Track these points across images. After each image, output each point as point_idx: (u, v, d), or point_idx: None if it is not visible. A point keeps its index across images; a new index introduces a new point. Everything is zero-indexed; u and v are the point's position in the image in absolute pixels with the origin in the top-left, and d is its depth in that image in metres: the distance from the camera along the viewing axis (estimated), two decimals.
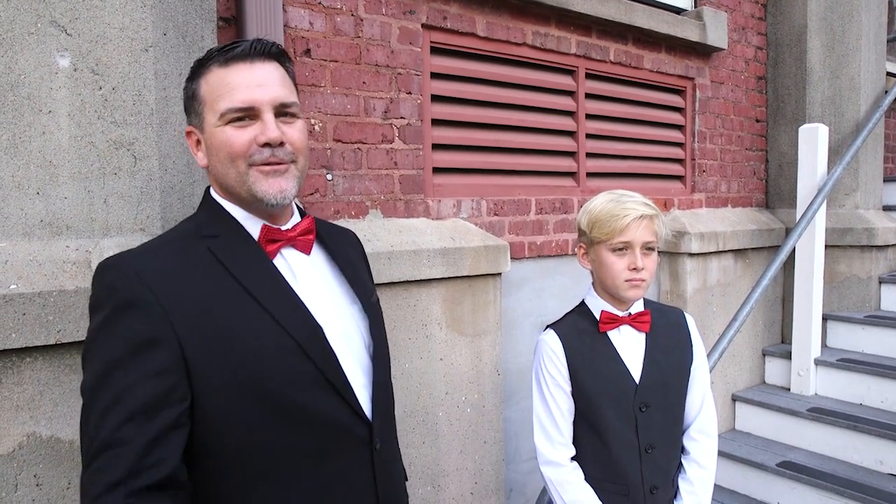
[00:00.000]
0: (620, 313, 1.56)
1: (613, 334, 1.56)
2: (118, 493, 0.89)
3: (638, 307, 1.58)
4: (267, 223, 1.11)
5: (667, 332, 1.60)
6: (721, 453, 3.16)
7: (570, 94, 2.79)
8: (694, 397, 1.60)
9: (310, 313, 1.07)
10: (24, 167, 1.33)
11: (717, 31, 3.25)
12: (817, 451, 3.07)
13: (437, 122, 2.38)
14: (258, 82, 1.05)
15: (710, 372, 2.56)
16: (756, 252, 3.57)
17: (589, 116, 2.85)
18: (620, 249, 1.49)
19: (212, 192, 1.14)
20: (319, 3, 2.02)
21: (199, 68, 1.09)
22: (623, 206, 1.47)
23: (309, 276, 1.14)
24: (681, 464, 1.60)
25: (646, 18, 2.90)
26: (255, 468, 1.03)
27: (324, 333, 1.07)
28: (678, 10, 3.23)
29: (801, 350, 3.36)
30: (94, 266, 1.36)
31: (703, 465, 1.58)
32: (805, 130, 3.33)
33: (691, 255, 3.12)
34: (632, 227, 1.46)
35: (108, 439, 0.91)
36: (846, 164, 3.31)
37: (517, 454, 2.62)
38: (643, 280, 1.49)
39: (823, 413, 3.07)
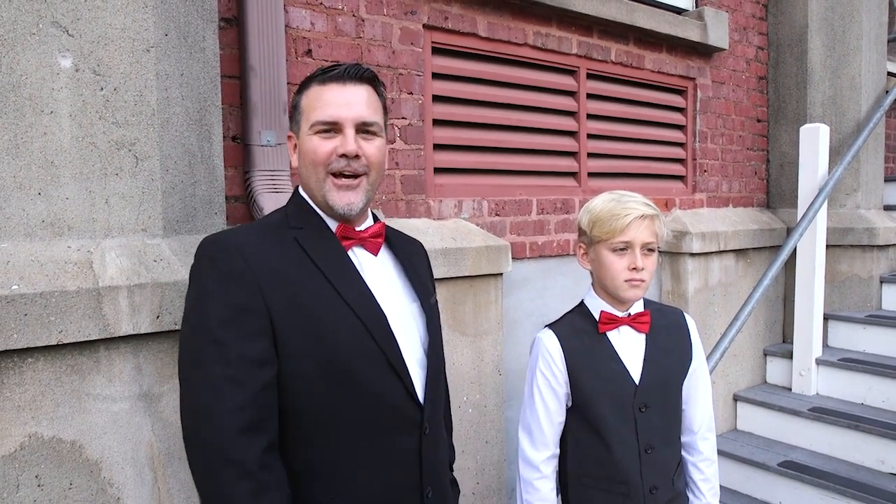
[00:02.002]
0: (620, 314, 1.55)
1: (613, 335, 1.56)
2: (244, 415, 1.06)
3: (637, 308, 1.58)
4: (343, 223, 1.26)
5: (667, 332, 1.59)
6: (722, 453, 3.16)
7: (572, 94, 2.79)
8: (699, 397, 1.62)
9: (377, 302, 1.21)
10: (25, 168, 1.33)
11: (718, 31, 3.25)
12: (819, 450, 3.06)
13: (438, 123, 2.38)
14: (346, 101, 1.20)
15: (712, 372, 2.57)
16: (757, 252, 3.56)
17: (590, 116, 2.85)
18: (621, 249, 1.49)
19: (300, 190, 1.30)
20: (321, 3, 2.02)
21: (305, 84, 1.26)
22: (624, 206, 1.48)
23: (375, 273, 1.28)
24: (680, 463, 1.60)
25: (647, 19, 2.89)
26: (316, 433, 1.16)
27: (387, 320, 1.21)
28: (679, 11, 3.23)
29: (802, 350, 3.35)
30: (95, 267, 1.36)
31: (712, 459, 1.64)
32: (806, 130, 3.33)
33: (693, 254, 3.12)
34: (633, 227, 1.47)
35: (231, 380, 1.07)
36: (847, 164, 3.30)
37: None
38: (643, 280, 1.49)
39: (825, 413, 3.07)
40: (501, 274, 2.34)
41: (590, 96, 2.85)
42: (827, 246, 3.42)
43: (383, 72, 2.17)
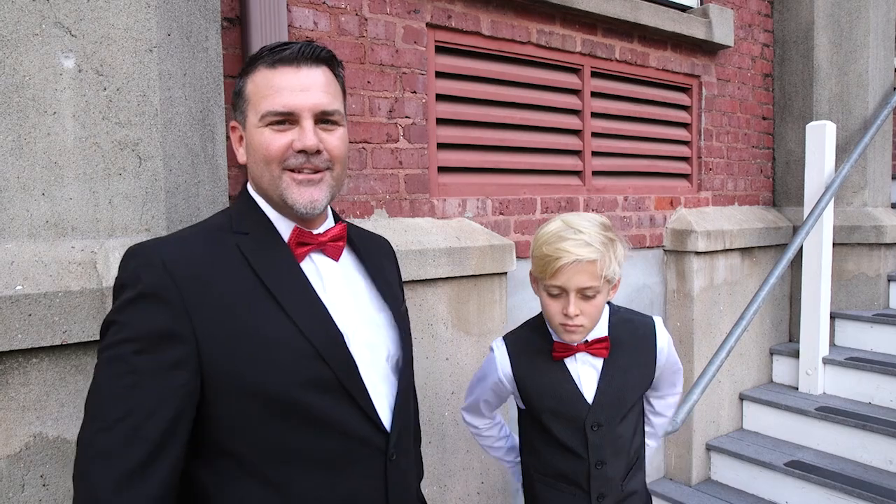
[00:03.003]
0: (575, 343, 1.45)
1: (569, 360, 1.47)
2: (134, 485, 0.91)
3: (598, 332, 1.47)
4: (299, 226, 1.11)
5: (630, 348, 1.50)
6: (729, 452, 3.16)
7: (576, 92, 2.78)
8: (664, 390, 1.64)
9: (332, 319, 1.05)
10: (29, 168, 1.33)
11: (723, 28, 3.23)
12: (826, 450, 3.05)
13: (441, 122, 2.37)
14: (302, 87, 1.04)
15: (718, 371, 2.56)
16: (763, 250, 3.55)
17: (594, 115, 2.84)
18: (556, 294, 1.38)
19: (249, 188, 1.14)
20: (324, 2, 2.02)
21: (249, 66, 1.09)
22: (557, 248, 1.33)
23: (336, 282, 1.13)
24: (634, 466, 1.58)
25: (651, 16, 2.88)
26: (266, 469, 1.02)
27: (344, 340, 1.06)
28: (684, 8, 3.21)
29: (809, 349, 3.34)
30: (99, 267, 1.37)
31: (651, 445, 1.72)
32: (812, 128, 3.31)
33: (698, 253, 3.11)
34: (564, 272, 1.33)
35: (117, 423, 0.92)
36: (854, 162, 3.28)
37: None
38: (579, 325, 1.38)
39: (832, 412, 3.05)
40: (506, 273, 2.34)
41: (594, 95, 2.83)
42: (834, 244, 3.41)
43: (387, 71, 2.17)
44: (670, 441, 3.28)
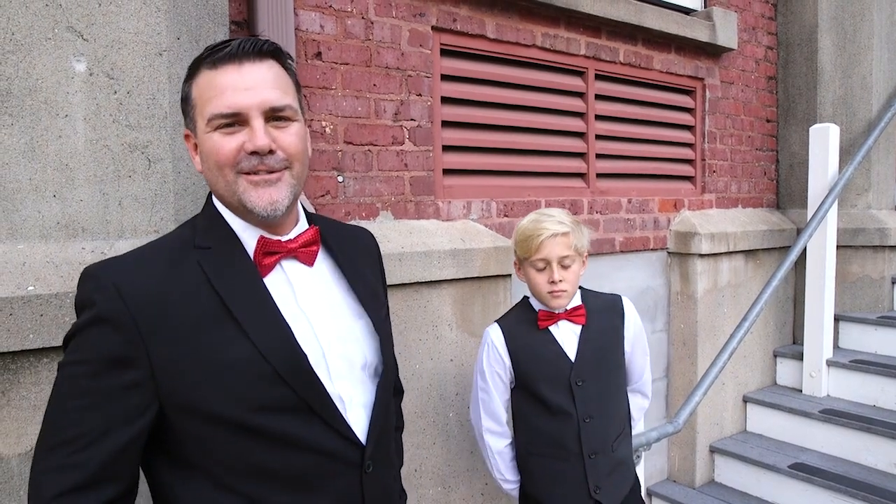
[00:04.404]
0: (554, 310, 1.73)
1: (552, 327, 1.74)
2: (76, 499, 0.91)
3: (574, 303, 1.76)
4: (265, 234, 1.05)
5: (602, 316, 1.78)
6: (732, 454, 3.16)
7: (580, 95, 2.79)
8: (636, 359, 1.85)
9: (294, 339, 1.01)
10: (41, 170, 1.35)
11: (726, 31, 3.24)
12: (830, 452, 3.05)
13: (447, 124, 2.38)
14: (246, 85, 0.97)
15: (721, 372, 2.57)
16: (767, 253, 3.55)
17: (598, 117, 2.85)
18: (541, 266, 1.67)
19: (213, 197, 1.08)
20: (330, 6, 2.04)
21: (192, 69, 1.03)
22: (538, 226, 1.65)
23: (310, 290, 1.08)
24: (622, 433, 1.79)
25: (655, 19, 2.89)
26: (235, 487, 1.00)
27: (307, 359, 1.01)
28: (688, 11, 3.22)
29: (812, 351, 3.34)
30: None
31: (635, 417, 1.93)
32: (816, 130, 3.32)
33: (702, 255, 3.11)
34: (546, 245, 1.65)
35: (67, 443, 0.92)
36: (858, 164, 3.29)
37: None
38: (564, 290, 1.67)
39: (836, 414, 3.05)
40: (510, 275, 2.35)
41: (598, 97, 2.85)
42: (838, 246, 3.41)
43: (392, 73, 2.18)
44: (674, 443, 3.28)
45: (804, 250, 3.23)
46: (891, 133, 3.66)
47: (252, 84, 0.98)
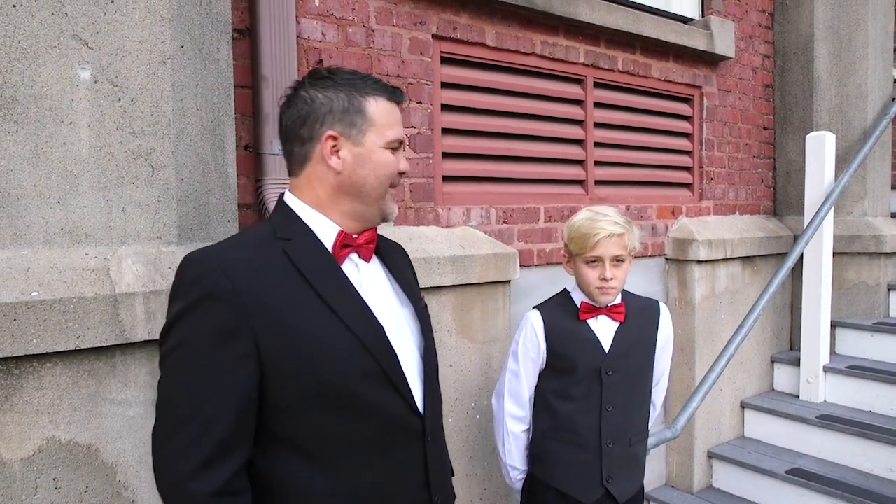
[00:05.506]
0: (598, 305, 1.79)
1: (591, 320, 1.80)
2: (212, 471, 1.03)
3: (616, 300, 1.82)
4: (344, 230, 1.23)
5: (639, 315, 1.84)
6: (730, 460, 3.17)
7: (579, 102, 2.81)
8: (660, 363, 1.91)
9: (374, 315, 1.18)
10: (45, 177, 1.36)
11: (724, 39, 3.27)
12: (827, 458, 3.06)
13: (446, 131, 2.40)
14: (401, 122, 1.26)
15: (718, 378, 2.58)
16: (764, 259, 3.57)
17: (597, 125, 2.87)
18: (593, 262, 1.73)
19: (287, 199, 1.24)
20: (332, 14, 2.06)
21: (366, 88, 1.21)
22: (595, 225, 1.71)
23: (369, 281, 1.26)
24: (641, 431, 1.85)
25: (653, 28, 2.92)
26: (319, 456, 1.13)
27: (385, 333, 1.18)
28: (686, 20, 3.25)
29: (809, 357, 3.35)
30: (112, 273, 1.39)
31: (657, 404, 1.98)
32: (812, 138, 3.34)
33: (699, 262, 3.13)
34: (602, 244, 1.70)
35: (192, 418, 1.04)
36: (854, 172, 3.31)
37: None
38: (613, 288, 1.74)
39: (832, 420, 3.06)
40: (509, 281, 2.36)
41: (597, 105, 2.87)
42: (834, 253, 3.43)
43: (393, 81, 2.20)
44: (672, 448, 3.29)
45: (801, 257, 3.25)
46: (886, 141, 3.69)
47: (402, 123, 1.28)
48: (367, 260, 1.27)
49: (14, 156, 1.34)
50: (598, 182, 2.90)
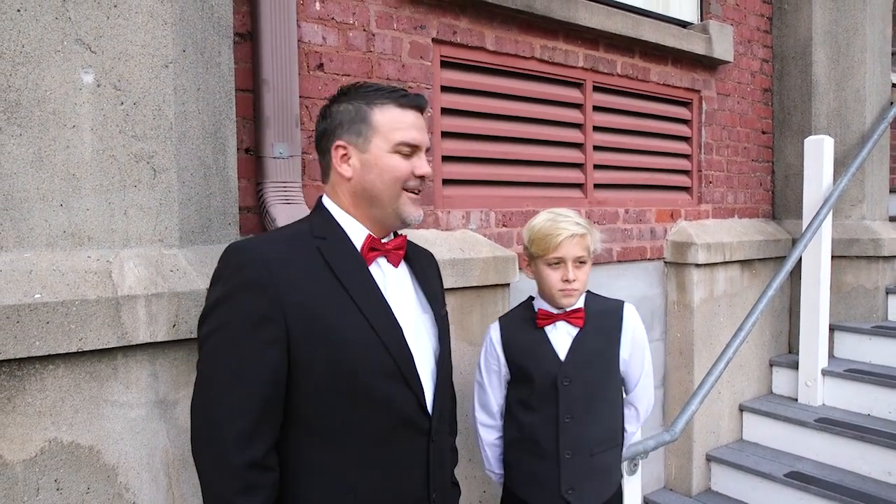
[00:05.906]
0: (556, 311, 1.77)
1: (549, 327, 1.78)
2: (250, 444, 1.13)
3: (577, 304, 1.80)
4: (372, 234, 1.32)
5: (601, 318, 1.81)
6: (728, 463, 3.18)
7: (578, 106, 2.82)
8: (631, 376, 1.87)
9: (394, 316, 1.27)
10: (48, 180, 1.37)
11: (722, 44, 3.29)
12: (825, 461, 3.07)
13: (446, 135, 2.41)
14: (419, 127, 1.31)
15: (717, 381, 2.59)
16: (763, 262, 3.58)
17: (596, 129, 2.89)
18: (555, 264, 1.72)
19: (325, 201, 1.35)
20: (332, 18, 2.07)
21: (375, 98, 1.29)
22: (557, 226, 1.70)
23: (394, 284, 1.34)
24: (606, 441, 1.80)
25: (652, 32, 2.93)
26: (330, 442, 1.22)
27: (403, 333, 1.27)
28: (684, 24, 3.27)
29: (808, 360, 3.36)
30: (114, 276, 1.40)
31: (628, 430, 1.93)
32: (810, 142, 3.36)
33: (698, 265, 3.14)
34: (564, 245, 1.69)
35: (227, 393, 1.14)
36: (852, 175, 3.33)
37: None
38: (575, 290, 1.73)
39: (831, 423, 3.07)
40: (508, 284, 2.37)
41: (596, 109, 2.88)
42: (832, 257, 3.44)
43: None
44: (670, 451, 3.30)
45: (799, 260, 3.26)
46: (884, 145, 3.71)
47: (421, 127, 1.32)
48: (396, 265, 1.35)
49: (17, 159, 1.34)
50: (598, 185, 2.91)
